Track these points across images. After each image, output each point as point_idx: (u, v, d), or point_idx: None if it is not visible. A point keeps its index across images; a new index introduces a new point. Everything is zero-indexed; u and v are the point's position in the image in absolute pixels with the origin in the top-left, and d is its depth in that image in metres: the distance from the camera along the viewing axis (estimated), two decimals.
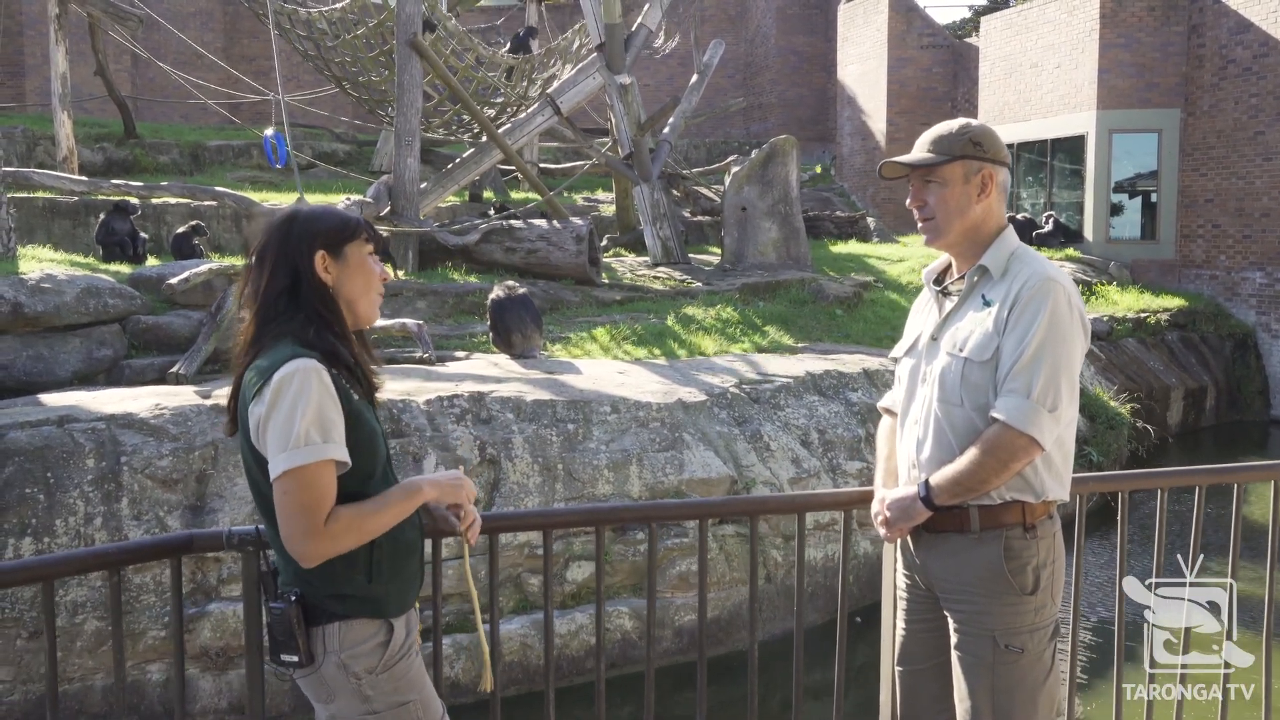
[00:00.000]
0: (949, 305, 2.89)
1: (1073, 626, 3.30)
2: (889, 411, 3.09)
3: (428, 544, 2.71)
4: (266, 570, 2.49)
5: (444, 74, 12.94)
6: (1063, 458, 2.78)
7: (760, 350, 10.18)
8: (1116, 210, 18.34)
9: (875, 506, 2.97)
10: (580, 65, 15.23)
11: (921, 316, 3.01)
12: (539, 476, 6.96)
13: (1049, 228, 18.14)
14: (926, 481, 2.76)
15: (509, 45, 19.01)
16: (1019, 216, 18.60)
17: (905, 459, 2.91)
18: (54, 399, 7.11)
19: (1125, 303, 15.71)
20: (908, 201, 2.92)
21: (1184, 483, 3.37)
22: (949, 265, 2.98)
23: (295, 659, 2.36)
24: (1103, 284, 16.48)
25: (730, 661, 6.98)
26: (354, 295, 2.46)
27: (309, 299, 2.39)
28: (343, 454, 2.31)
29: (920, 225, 2.89)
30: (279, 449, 2.26)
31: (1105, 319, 14.51)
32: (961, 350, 2.76)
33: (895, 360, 3.04)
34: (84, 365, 8.51)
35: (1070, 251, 17.78)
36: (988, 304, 2.77)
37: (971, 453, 2.69)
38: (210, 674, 6.08)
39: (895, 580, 3.04)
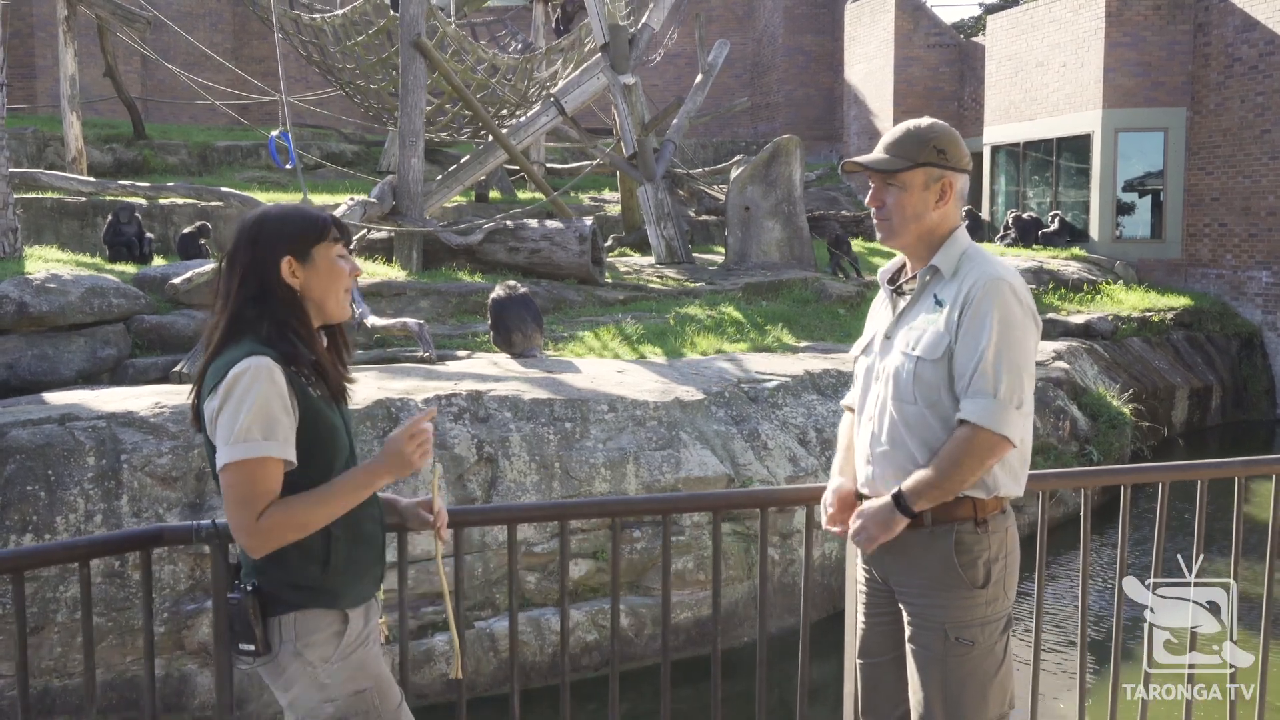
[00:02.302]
0: (902, 304, 2.94)
1: (1036, 621, 3.33)
2: (850, 409, 3.14)
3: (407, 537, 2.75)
4: (235, 564, 2.55)
5: (448, 74, 13.00)
6: (1019, 454, 2.82)
7: (762, 349, 10.21)
8: (1126, 209, 18.32)
9: (827, 496, 3.02)
10: (585, 65, 15.29)
11: (877, 316, 3.06)
12: (536, 475, 7.00)
13: (1055, 226, 18.14)
14: (900, 492, 2.76)
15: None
16: (1025, 216, 18.61)
17: (861, 454, 2.96)
18: (57, 398, 7.19)
19: (1130, 302, 15.69)
20: (866, 199, 2.96)
21: (1148, 479, 3.39)
22: (904, 264, 3.03)
23: (252, 648, 2.42)
24: (1108, 283, 16.46)
25: (727, 658, 7.02)
26: (321, 295, 2.50)
27: (274, 305, 2.44)
28: (283, 452, 2.35)
29: (876, 223, 2.94)
30: (223, 442, 2.32)
31: (1110, 318, 14.50)
32: (914, 349, 2.81)
33: (854, 359, 3.09)
34: (88, 364, 8.59)
35: (1076, 250, 17.76)
36: (939, 303, 2.82)
37: (946, 456, 2.71)
38: (209, 669, 6.14)
39: (857, 575, 3.09)
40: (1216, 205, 17.29)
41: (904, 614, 2.87)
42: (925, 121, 2.93)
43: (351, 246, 2.65)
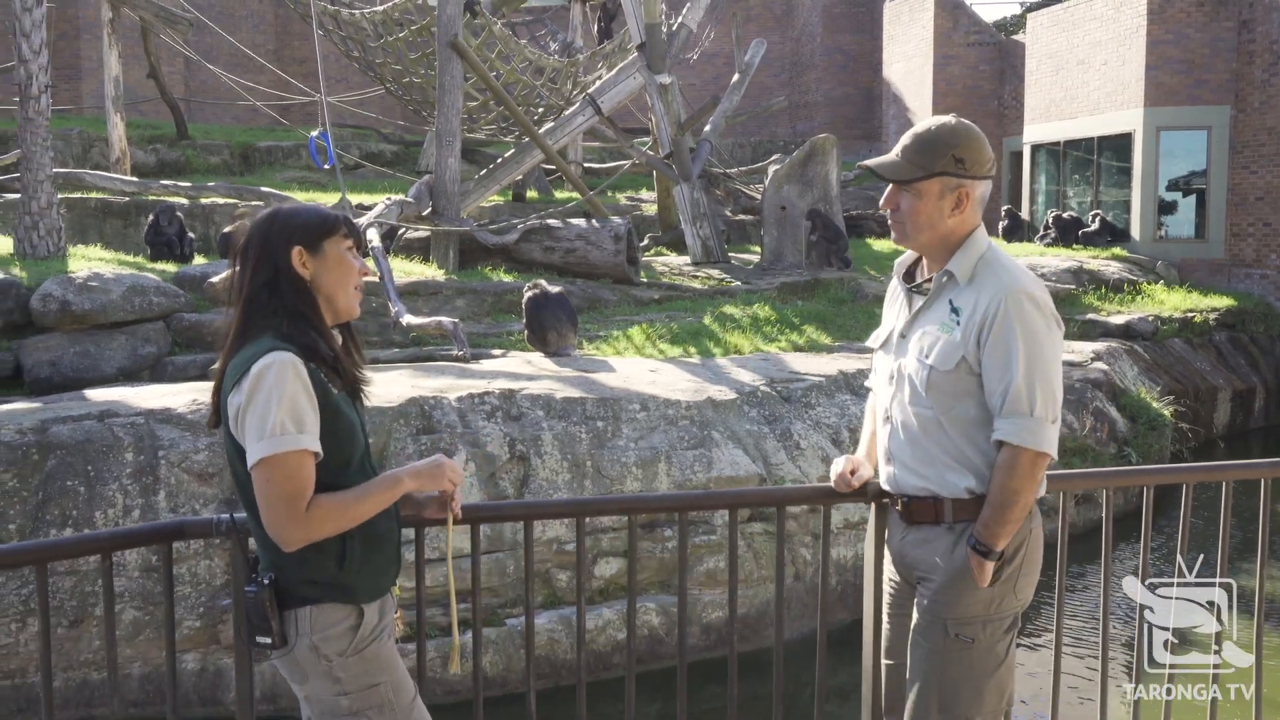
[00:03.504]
0: (918, 304, 2.92)
1: (1056, 622, 3.31)
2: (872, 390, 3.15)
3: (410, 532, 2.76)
4: (253, 558, 2.59)
5: (484, 74, 13.08)
6: None
7: (796, 349, 10.20)
8: (1169, 208, 18.11)
9: (841, 466, 3.11)
10: (621, 65, 15.32)
11: (893, 309, 3.03)
12: (568, 473, 7.03)
13: (1095, 226, 17.96)
14: (975, 540, 2.75)
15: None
16: (1065, 215, 18.44)
17: (881, 452, 2.99)
18: (98, 394, 7.30)
19: (1172, 302, 15.50)
20: (881, 201, 2.92)
21: (1171, 480, 3.38)
22: (919, 259, 3.00)
23: (269, 641, 2.46)
24: (1149, 283, 16.28)
25: (759, 658, 7.02)
26: (332, 289, 2.53)
27: (287, 293, 2.47)
28: (315, 445, 2.39)
29: (890, 224, 2.91)
30: (256, 438, 2.35)
31: (1150, 318, 14.32)
32: (928, 358, 2.80)
33: (874, 348, 3.07)
34: (129, 362, 8.71)
35: (1117, 250, 17.58)
36: (955, 311, 2.79)
37: (998, 488, 2.71)
38: None
39: (874, 576, 3.09)
40: (1261, 204, 17.04)
41: (916, 608, 2.88)
42: (948, 125, 2.83)
43: (366, 251, 2.67)
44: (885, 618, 3.06)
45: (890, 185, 2.87)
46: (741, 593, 7.28)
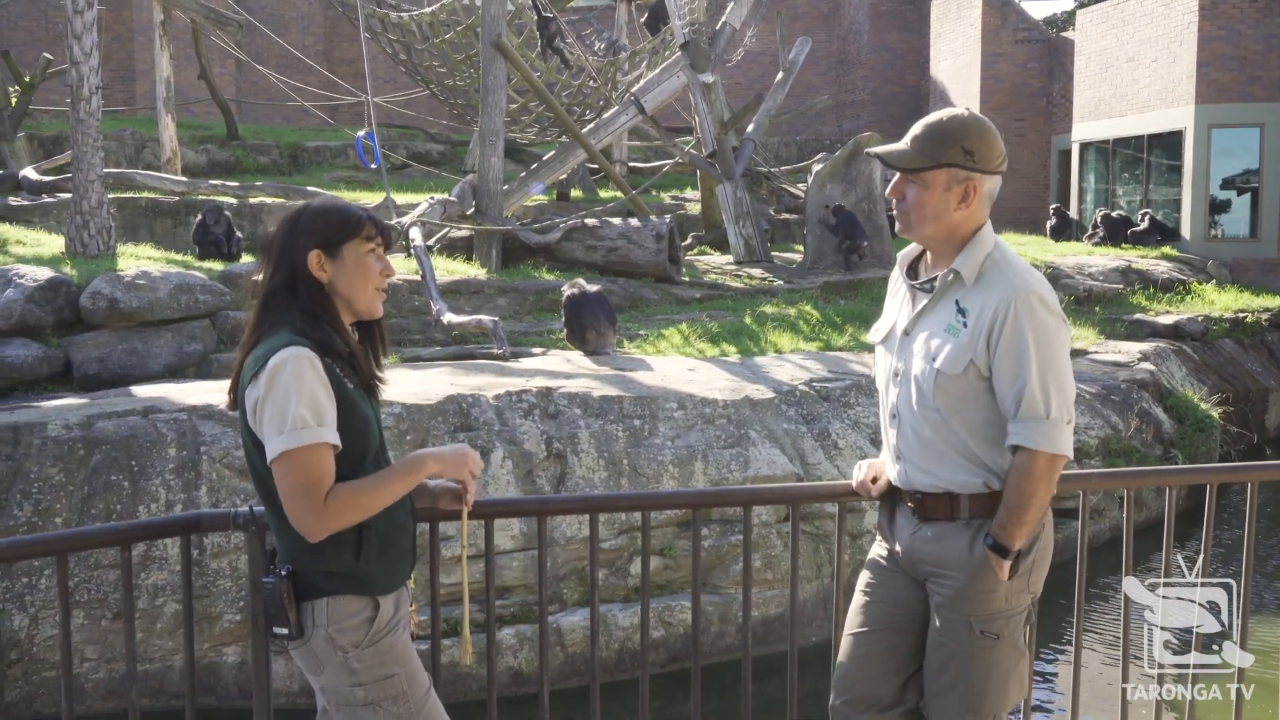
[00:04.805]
0: (922, 302, 2.88)
1: (1076, 622, 3.29)
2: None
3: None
4: (270, 550, 2.64)
5: (528, 74, 13.14)
6: None
7: (838, 349, 10.16)
8: (1222, 207, 17.84)
9: (863, 473, 3.06)
10: (665, 64, 15.34)
11: (895, 302, 3.01)
12: (604, 471, 7.06)
13: (1145, 225, 17.74)
14: (993, 541, 2.75)
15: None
16: (1114, 214, 18.23)
17: (889, 449, 2.97)
18: (144, 391, 7.43)
19: (1223, 302, 15.26)
20: (888, 190, 2.89)
21: (1194, 480, 3.34)
22: (924, 252, 2.97)
23: (285, 631, 2.51)
24: (1199, 283, 16.05)
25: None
26: (350, 292, 2.57)
27: (303, 295, 2.52)
28: (334, 438, 2.43)
29: (895, 214, 2.88)
30: (275, 432, 2.39)
31: (1200, 318, 14.11)
32: (935, 361, 2.78)
33: (875, 342, 3.06)
34: (175, 359, 8.85)
35: (1166, 250, 17.35)
36: (962, 312, 2.77)
37: (1014, 490, 2.71)
38: (282, 657, 6.29)
39: (871, 554, 3.09)
40: None
41: (931, 605, 2.88)
42: (960, 116, 2.80)
43: (392, 249, 2.71)
44: (861, 591, 3.04)
45: (898, 174, 2.85)
46: (777, 592, 7.27)
